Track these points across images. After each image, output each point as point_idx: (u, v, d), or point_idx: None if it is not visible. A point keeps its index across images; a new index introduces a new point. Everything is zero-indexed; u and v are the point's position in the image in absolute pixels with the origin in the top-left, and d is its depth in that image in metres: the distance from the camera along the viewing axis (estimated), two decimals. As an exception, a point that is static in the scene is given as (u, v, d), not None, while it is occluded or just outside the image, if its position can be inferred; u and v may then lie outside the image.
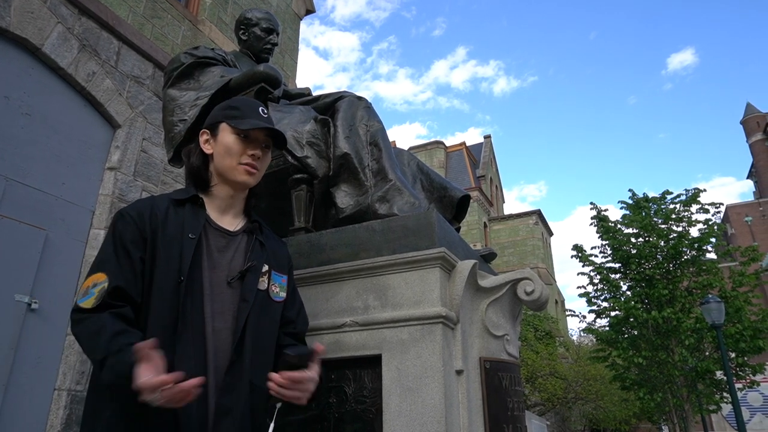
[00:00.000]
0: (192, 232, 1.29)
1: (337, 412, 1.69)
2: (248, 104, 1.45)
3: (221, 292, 1.29)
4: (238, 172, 1.38)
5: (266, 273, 1.38)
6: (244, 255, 1.36)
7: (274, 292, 1.39)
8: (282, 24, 9.45)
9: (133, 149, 5.98)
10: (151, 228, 1.27)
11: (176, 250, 1.26)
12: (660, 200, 13.07)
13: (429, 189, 2.48)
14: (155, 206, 1.32)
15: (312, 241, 1.96)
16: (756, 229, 40.45)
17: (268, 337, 1.34)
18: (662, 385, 12.06)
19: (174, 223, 1.30)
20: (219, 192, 1.41)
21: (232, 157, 1.38)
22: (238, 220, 1.43)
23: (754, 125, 46.37)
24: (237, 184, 1.40)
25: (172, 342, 1.18)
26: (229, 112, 1.42)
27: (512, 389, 1.85)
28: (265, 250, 1.41)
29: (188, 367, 1.17)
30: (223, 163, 1.39)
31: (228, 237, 1.37)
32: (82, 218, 5.38)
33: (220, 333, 1.25)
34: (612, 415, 22.35)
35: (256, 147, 1.40)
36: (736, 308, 11.41)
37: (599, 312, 13.25)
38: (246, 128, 1.37)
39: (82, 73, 5.52)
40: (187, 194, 1.38)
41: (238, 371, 1.23)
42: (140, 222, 1.28)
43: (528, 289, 1.87)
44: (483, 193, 36.32)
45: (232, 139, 1.38)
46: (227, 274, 1.31)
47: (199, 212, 1.35)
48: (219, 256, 1.33)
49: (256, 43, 2.91)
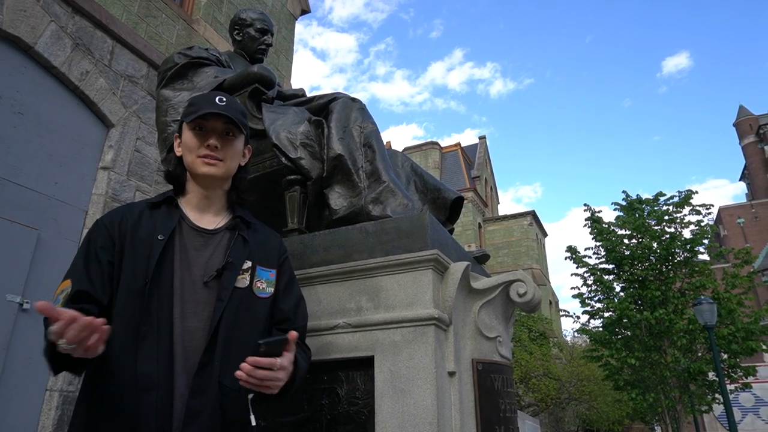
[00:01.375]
0: (162, 233, 1.28)
1: (329, 414, 1.69)
2: (204, 97, 1.41)
3: (195, 292, 1.26)
4: (198, 165, 1.36)
5: (249, 269, 1.34)
6: (224, 253, 1.33)
7: (260, 288, 1.35)
8: (277, 24, 9.44)
9: (127, 149, 5.95)
10: (120, 232, 1.28)
11: (145, 252, 1.25)
12: (653, 202, 13.14)
13: (422, 190, 2.48)
14: (128, 212, 1.33)
15: (305, 243, 1.96)
16: (748, 231, 40.74)
17: (247, 336, 1.28)
18: (655, 386, 12.12)
19: (146, 226, 1.29)
20: (193, 190, 1.40)
21: (191, 151, 1.37)
22: (220, 218, 1.41)
23: (746, 127, 46.69)
24: (201, 177, 1.37)
25: (136, 344, 1.17)
26: (187, 109, 1.40)
27: (504, 391, 1.86)
28: (248, 245, 1.37)
29: (150, 369, 1.15)
30: (186, 159, 1.38)
31: (206, 236, 1.35)
32: (74, 218, 5.36)
33: (193, 333, 1.22)
34: (605, 415, 22.45)
35: (212, 136, 1.36)
36: (729, 310, 11.48)
37: (593, 313, 13.31)
38: (191, 119, 1.34)
39: (75, 72, 5.50)
40: (162, 197, 1.38)
41: (208, 372, 1.20)
42: (111, 228, 1.29)
43: (520, 290, 1.88)
44: (477, 193, 36.40)
45: (189, 135, 1.37)
46: (204, 273, 1.28)
47: (173, 213, 1.34)
48: (195, 255, 1.30)
49: (251, 44, 2.90)
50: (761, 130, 44.99)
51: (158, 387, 1.15)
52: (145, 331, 1.18)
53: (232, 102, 1.40)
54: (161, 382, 1.16)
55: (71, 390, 4.92)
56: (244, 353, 1.26)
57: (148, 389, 1.14)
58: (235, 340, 1.26)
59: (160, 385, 1.15)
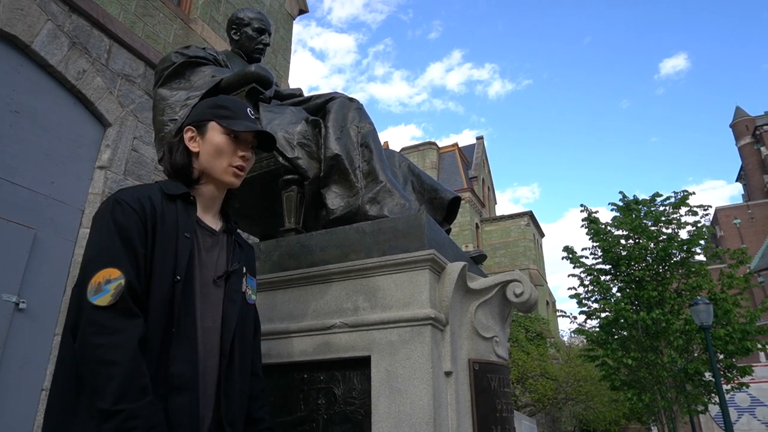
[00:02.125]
0: (187, 230, 1.26)
1: (326, 414, 1.69)
2: (238, 105, 1.42)
3: (209, 292, 1.28)
4: (228, 174, 1.36)
5: (245, 275, 1.39)
6: (227, 255, 1.36)
7: (248, 294, 1.40)
8: (275, 24, 9.43)
9: (124, 148, 5.94)
10: (151, 222, 1.22)
11: (172, 247, 1.22)
12: (650, 202, 13.17)
13: (419, 191, 2.48)
14: (151, 199, 1.26)
15: (302, 242, 1.96)
16: (744, 232, 40.87)
17: (248, 339, 1.36)
18: (651, 386, 12.15)
19: (168, 218, 1.25)
20: (204, 191, 1.38)
21: (223, 157, 1.35)
22: (217, 219, 1.42)
23: (743, 128, 46.84)
24: (224, 184, 1.38)
25: (168, 342, 1.16)
26: (219, 111, 1.38)
27: (501, 391, 1.86)
28: (243, 251, 1.42)
29: (182, 370, 1.15)
30: (212, 163, 1.35)
31: (214, 236, 1.36)
32: (71, 217, 5.34)
33: (209, 333, 1.24)
34: (602, 415, 22.49)
35: (246, 149, 1.39)
36: (725, 310, 11.52)
37: (589, 313, 13.34)
38: (241, 130, 1.34)
39: (72, 71, 5.48)
40: (178, 190, 1.33)
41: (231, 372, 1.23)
42: (142, 214, 1.21)
43: (517, 290, 1.88)
44: (475, 194, 36.42)
45: (223, 140, 1.35)
46: (214, 273, 1.31)
47: (190, 210, 1.32)
48: (207, 255, 1.32)
49: (248, 43, 2.90)
50: (758, 131, 45.13)
51: (191, 388, 1.15)
52: (178, 331, 1.17)
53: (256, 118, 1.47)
54: (193, 383, 1.16)
55: (67, 390, 4.91)
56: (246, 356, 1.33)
57: (182, 389, 1.14)
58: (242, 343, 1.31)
59: (192, 387, 1.16)
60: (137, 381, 1.05)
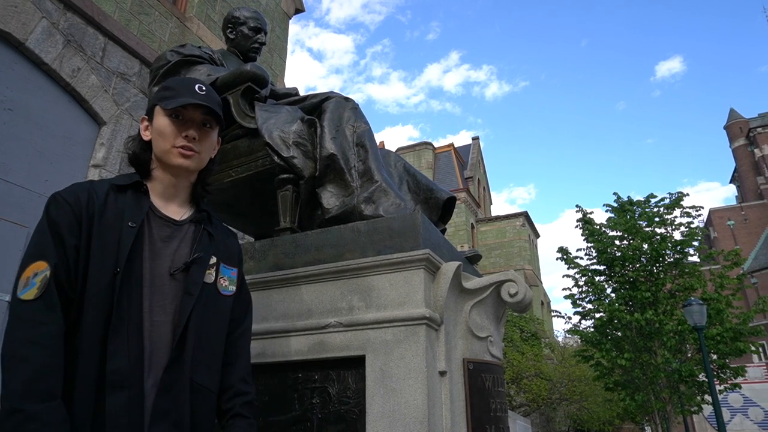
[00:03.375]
0: (132, 220, 1.20)
1: (320, 413, 1.69)
2: (182, 83, 1.35)
3: (162, 284, 1.21)
4: (173, 156, 1.29)
5: (214, 265, 1.31)
6: (191, 246, 1.28)
7: (223, 285, 1.32)
8: (271, 23, 9.42)
9: (119, 146, 5.92)
10: (87, 213, 1.18)
11: (113, 238, 1.17)
12: (644, 203, 13.23)
13: (415, 190, 2.48)
14: (93, 190, 1.22)
15: (297, 242, 1.95)
16: (738, 233, 41.12)
17: (214, 333, 1.27)
18: (645, 387, 12.20)
19: (113, 210, 1.21)
20: (160, 178, 1.32)
21: (165, 139, 1.29)
22: (185, 209, 1.35)
23: (737, 131, 47.10)
24: (173, 168, 1.31)
25: (106, 337, 1.11)
26: (162, 93, 1.32)
27: (495, 390, 1.87)
28: (213, 241, 1.33)
29: (120, 365, 1.09)
30: (158, 147, 1.30)
31: (173, 226, 1.29)
32: (65, 216, 5.32)
33: (160, 327, 1.17)
34: (596, 415, 22.57)
35: (190, 127, 1.30)
36: (718, 311, 11.59)
37: (584, 314, 13.38)
38: (172, 106, 1.27)
39: (66, 69, 5.46)
40: (129, 180, 1.28)
41: (178, 369, 1.15)
42: (76, 206, 1.18)
43: (512, 291, 1.89)
44: (470, 194, 36.47)
45: (165, 122, 1.29)
46: (170, 265, 1.24)
47: (142, 199, 1.27)
48: (162, 246, 1.25)
49: (244, 42, 2.90)
50: (751, 133, 45.40)
51: (130, 385, 1.10)
52: (116, 325, 1.11)
53: (210, 91, 1.35)
54: (135, 379, 1.11)
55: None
56: (211, 350, 1.25)
57: (120, 387, 1.08)
58: (204, 337, 1.23)
59: (132, 383, 1.10)
60: (44, 381, 1.02)
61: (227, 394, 1.30)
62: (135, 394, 1.10)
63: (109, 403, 1.07)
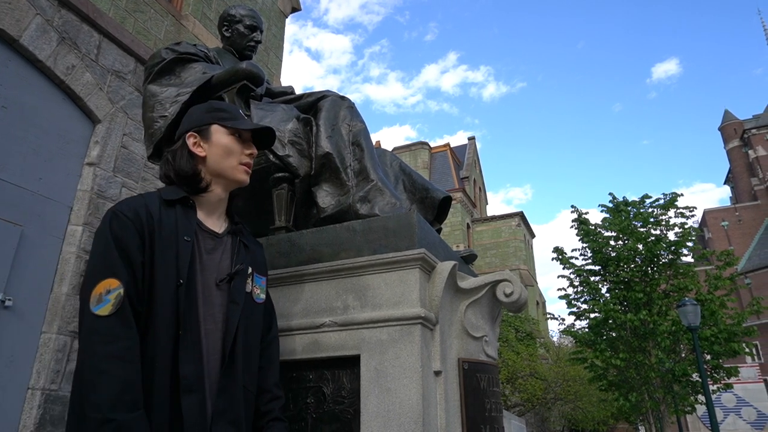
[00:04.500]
0: (187, 234, 1.29)
1: (314, 413, 1.69)
2: (233, 107, 1.51)
3: (210, 294, 1.31)
4: (239, 172, 1.42)
5: (250, 275, 1.41)
6: (231, 257, 1.38)
7: (256, 293, 1.43)
8: (267, 21, 9.39)
9: (113, 145, 5.89)
10: (149, 230, 1.26)
11: (172, 252, 1.25)
12: (639, 204, 13.28)
13: (411, 190, 2.48)
14: (148, 207, 1.29)
15: (292, 241, 1.95)
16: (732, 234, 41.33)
17: (254, 339, 1.38)
18: (639, 387, 12.25)
19: (168, 224, 1.29)
20: (212, 194, 1.42)
21: (233, 156, 1.41)
22: (222, 221, 1.45)
23: (731, 132, 47.33)
24: (235, 183, 1.44)
25: (174, 346, 1.20)
26: (220, 114, 1.45)
27: (490, 390, 1.86)
28: (249, 252, 1.44)
29: (190, 371, 1.19)
30: (222, 163, 1.41)
31: (216, 239, 1.39)
32: (59, 214, 5.28)
33: (211, 335, 1.27)
34: (590, 415, 22.65)
35: (251, 146, 1.46)
36: (712, 311, 11.64)
37: (579, 314, 13.41)
38: (248, 128, 1.42)
39: (61, 66, 5.42)
40: (177, 195, 1.36)
41: (232, 374, 1.26)
42: (138, 223, 1.25)
43: (507, 290, 1.89)
44: (466, 194, 36.51)
45: (230, 140, 1.42)
46: (216, 276, 1.33)
47: (190, 214, 1.36)
48: (208, 258, 1.34)
49: (240, 40, 2.88)
50: (745, 134, 45.62)
51: (198, 389, 1.19)
52: (183, 333, 1.21)
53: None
54: (201, 383, 1.21)
55: (54, 388, 4.85)
56: (251, 355, 1.36)
57: (191, 390, 1.18)
58: (246, 343, 1.33)
59: (199, 387, 1.20)
60: (130, 393, 1.09)
61: (265, 397, 1.40)
62: (202, 397, 1.19)
63: (184, 406, 1.16)
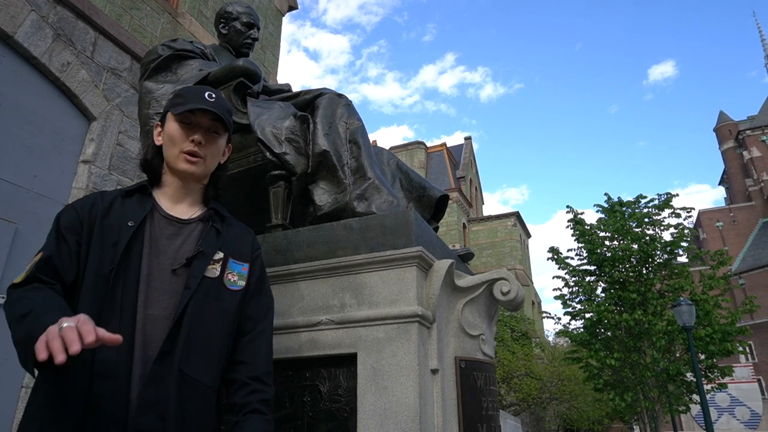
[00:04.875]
0: (132, 219, 1.27)
1: (311, 411, 1.68)
2: (193, 91, 1.40)
3: (162, 280, 1.25)
4: (179, 161, 1.35)
5: (220, 260, 1.32)
6: (196, 243, 1.32)
7: (231, 280, 1.33)
8: (264, 19, 9.37)
9: (109, 142, 5.86)
10: (89, 216, 1.27)
11: (113, 238, 1.24)
12: (634, 204, 13.31)
13: (408, 188, 2.47)
14: (101, 198, 1.32)
15: (289, 238, 1.94)
16: (726, 234, 41.54)
17: (214, 327, 1.26)
18: (634, 386, 12.29)
19: (117, 212, 1.29)
20: (169, 182, 1.40)
21: (174, 145, 1.36)
22: (195, 210, 1.40)
23: (726, 133, 47.53)
24: (179, 173, 1.37)
25: None
26: (174, 100, 1.39)
27: (487, 389, 1.86)
28: (221, 236, 1.36)
29: (109, 355, 1.12)
30: (168, 152, 1.37)
31: (178, 225, 1.34)
32: (53, 212, 5.22)
33: (155, 321, 1.20)
34: (585, 415, 22.71)
35: (197, 132, 1.36)
36: (706, 311, 11.69)
37: (574, 314, 13.44)
38: (180, 111, 1.33)
39: (56, 63, 5.39)
40: (136, 185, 1.38)
41: (169, 360, 1.17)
42: (81, 211, 1.29)
43: (504, 289, 1.88)
44: (462, 194, 36.53)
45: (174, 127, 1.36)
46: (173, 261, 1.27)
47: (145, 201, 1.34)
48: (166, 244, 1.29)
49: (236, 38, 2.87)
50: (740, 135, 45.84)
51: (116, 375, 1.12)
52: (107, 317, 1.15)
53: (220, 98, 1.39)
54: (120, 369, 1.13)
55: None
56: (208, 344, 1.25)
57: (106, 376, 1.11)
58: (200, 330, 1.23)
59: (118, 373, 1.12)
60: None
61: (243, 391, 1.29)
62: (120, 384, 1.12)
63: (96, 393, 1.10)
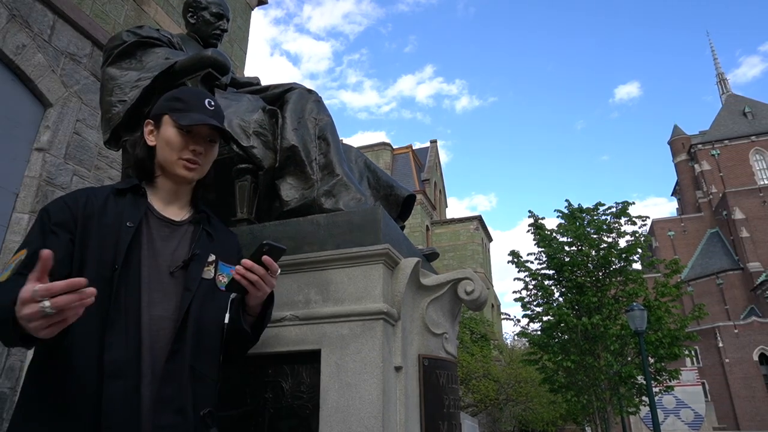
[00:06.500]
0: (130, 220, 1.26)
1: (272, 408, 1.66)
2: (194, 96, 1.41)
3: (161, 281, 1.26)
4: (178, 167, 1.36)
5: (213, 263, 1.36)
6: (189, 245, 1.34)
7: (221, 281, 1.37)
8: (232, 12, 9.21)
9: (65, 130, 5.64)
10: (84, 213, 1.24)
11: (112, 238, 1.22)
12: (593, 211, 13.71)
13: (375, 186, 2.48)
14: (93, 194, 1.29)
15: (254, 233, 1.91)
16: (677, 243, 43.29)
17: (213, 326, 1.32)
18: (588, 388, 12.64)
19: (113, 211, 1.27)
20: (162, 184, 1.40)
21: (173, 151, 1.36)
22: (185, 211, 1.42)
23: (679, 146, 49.54)
24: (176, 177, 1.39)
25: (103, 330, 1.15)
26: (174, 104, 1.39)
27: (449, 387, 1.88)
28: (212, 240, 1.40)
29: (118, 356, 1.13)
30: (164, 156, 1.37)
31: (172, 226, 1.36)
32: (4, 201, 5.02)
33: (160, 321, 1.22)
34: (540, 416, 23.23)
35: (198, 142, 1.38)
36: (657, 317, 12.14)
37: (533, 317, 13.74)
38: (185, 123, 1.34)
39: (10, 45, 5.16)
40: (128, 184, 1.36)
41: (180, 359, 1.20)
42: (73, 207, 1.24)
43: (468, 288, 1.91)
44: (427, 196, 36.82)
45: (173, 133, 1.36)
46: (170, 263, 1.29)
47: (140, 201, 1.33)
48: (162, 245, 1.30)
49: (205, 28, 2.80)
50: (692, 149, 47.83)
51: (127, 375, 1.13)
52: (114, 318, 1.16)
53: (218, 107, 1.42)
54: (130, 369, 1.14)
55: (9, 387, 4.61)
56: (210, 341, 1.30)
57: (116, 376, 1.12)
58: (203, 329, 1.27)
59: (129, 373, 1.14)
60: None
61: None
62: (132, 384, 1.13)
63: (107, 393, 1.10)
